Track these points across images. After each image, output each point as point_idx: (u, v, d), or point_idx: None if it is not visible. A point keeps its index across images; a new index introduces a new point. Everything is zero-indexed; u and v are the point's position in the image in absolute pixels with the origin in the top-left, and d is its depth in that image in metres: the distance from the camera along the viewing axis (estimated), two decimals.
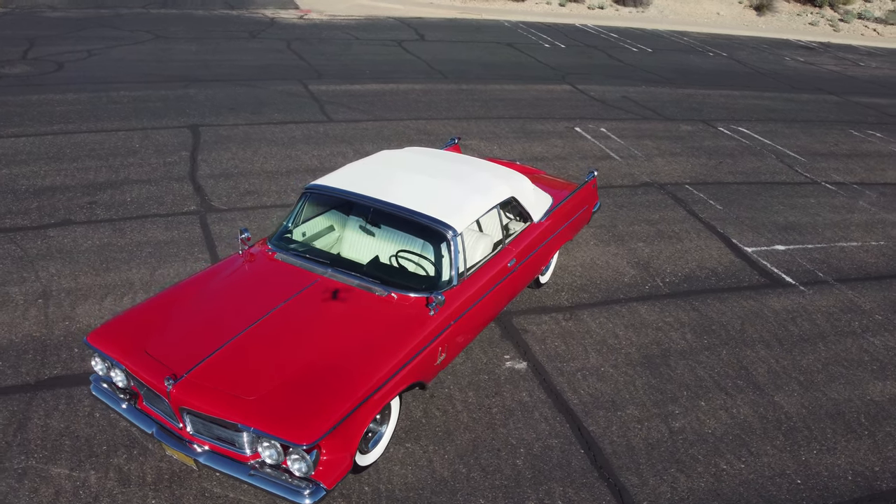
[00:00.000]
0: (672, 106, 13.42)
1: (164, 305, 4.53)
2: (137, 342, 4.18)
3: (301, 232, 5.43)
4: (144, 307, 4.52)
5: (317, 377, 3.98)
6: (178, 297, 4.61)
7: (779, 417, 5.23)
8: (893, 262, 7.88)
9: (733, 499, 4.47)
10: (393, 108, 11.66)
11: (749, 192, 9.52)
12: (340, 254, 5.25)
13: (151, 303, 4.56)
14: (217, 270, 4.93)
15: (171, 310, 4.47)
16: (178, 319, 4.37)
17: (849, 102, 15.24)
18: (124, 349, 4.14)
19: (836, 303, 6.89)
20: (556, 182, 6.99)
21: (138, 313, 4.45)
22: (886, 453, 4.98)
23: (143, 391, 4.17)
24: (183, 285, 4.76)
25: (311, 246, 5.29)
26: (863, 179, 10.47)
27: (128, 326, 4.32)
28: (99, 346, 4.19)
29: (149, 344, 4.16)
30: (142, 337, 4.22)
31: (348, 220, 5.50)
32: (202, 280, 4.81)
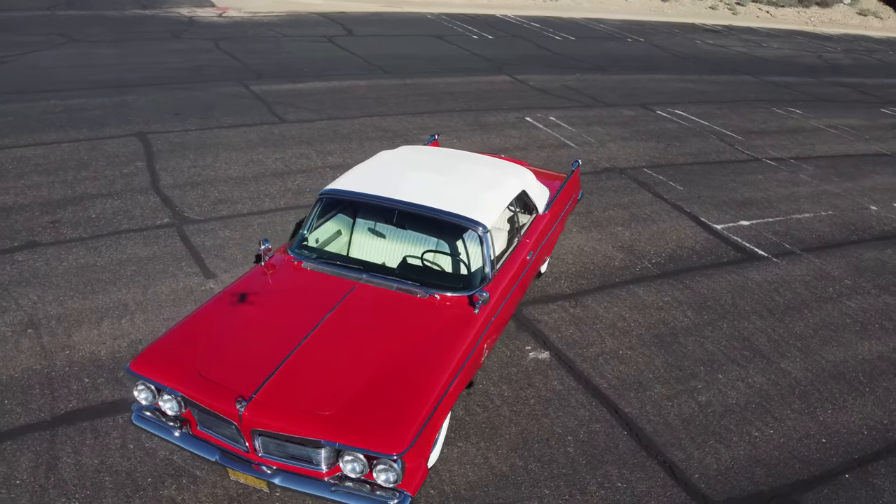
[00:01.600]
0: (610, 92, 13.84)
1: (203, 325, 4.33)
2: (188, 366, 3.99)
3: (322, 239, 5.30)
4: (183, 328, 4.30)
5: (386, 385, 3.93)
6: (216, 314, 4.42)
7: (790, 383, 5.56)
8: (845, 230, 8.48)
9: (772, 462, 4.73)
10: (343, 106, 11.48)
11: (702, 171, 9.98)
12: (369, 258, 5.15)
13: (188, 323, 4.35)
14: (247, 284, 4.75)
15: (212, 329, 4.28)
16: (224, 338, 4.19)
17: (763, 82, 16.18)
18: (176, 375, 3.94)
19: (807, 271, 7.36)
20: (544, 173, 7.11)
21: (179, 335, 4.24)
22: (890, 406, 5.40)
23: (199, 416, 3.99)
24: (216, 302, 4.56)
25: (338, 252, 5.18)
26: (797, 154, 11.18)
27: (172, 350, 4.11)
28: (146, 373, 3.96)
29: (201, 366, 3.97)
30: (190, 360, 4.03)
31: (370, 224, 5.42)
32: (235, 295, 4.63)
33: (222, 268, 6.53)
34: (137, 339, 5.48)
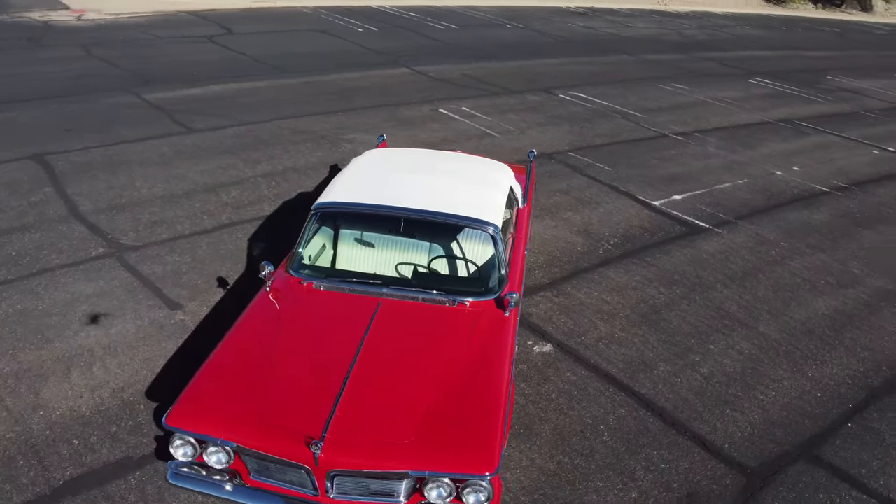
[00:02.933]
0: (510, 79, 14.05)
1: (232, 364, 3.96)
2: (234, 411, 3.64)
3: (322, 256, 5.01)
4: (211, 370, 3.91)
5: (452, 402, 3.78)
6: (243, 350, 4.06)
7: (772, 345, 5.93)
8: (763, 196, 9.15)
9: (784, 422, 5.04)
10: (251, 110, 10.88)
11: (621, 151, 10.39)
12: (382, 271, 4.92)
13: (215, 364, 3.96)
14: (262, 313, 4.39)
15: (245, 367, 3.93)
16: (263, 375, 3.86)
17: (642, 61, 17.07)
18: (225, 423, 3.58)
19: (748, 238, 7.88)
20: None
21: (210, 378, 3.85)
22: (860, 354, 5.90)
23: (255, 465, 3.65)
24: (236, 337, 4.19)
25: (347, 269, 4.91)
26: (696, 128, 11.90)
27: (209, 396, 3.73)
28: (189, 426, 3.58)
29: (251, 410, 3.64)
30: (234, 404, 3.68)
31: (372, 235, 5.17)
32: (253, 327, 4.27)
33: (185, 296, 6.01)
34: (119, 386, 4.94)
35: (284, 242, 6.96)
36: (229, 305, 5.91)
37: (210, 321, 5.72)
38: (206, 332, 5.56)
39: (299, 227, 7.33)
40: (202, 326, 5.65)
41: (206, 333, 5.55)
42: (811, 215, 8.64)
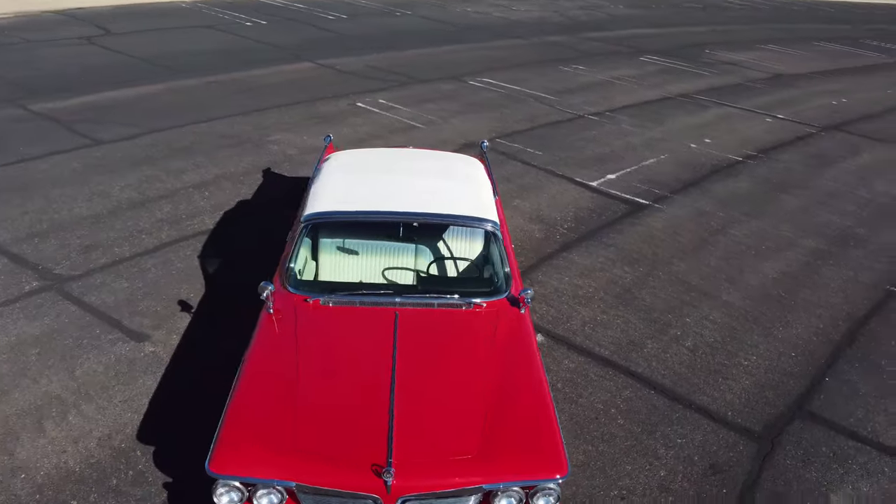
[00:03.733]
0: (416, 68, 13.93)
1: (263, 396, 3.69)
2: (283, 449, 3.39)
3: (320, 269, 4.76)
4: (242, 409, 3.62)
5: (502, 408, 3.71)
6: (269, 381, 3.79)
7: (739, 313, 6.26)
8: (687, 169, 9.61)
9: (773, 384, 5.35)
10: (160, 116, 10.16)
11: (545, 135, 10.57)
12: (383, 279, 4.74)
13: (244, 399, 3.67)
14: (272, 338, 4.11)
15: (276, 400, 3.67)
16: (299, 406, 3.62)
17: (537, 43, 17.41)
18: (277, 463, 3.33)
19: (687, 211, 8.26)
20: None
21: (244, 416, 3.57)
22: (816, 312, 6.35)
23: (313, 501, 3.42)
24: (257, 366, 3.90)
25: (350, 281, 4.69)
26: (607, 107, 12.30)
27: (250, 437, 3.46)
28: (239, 471, 3.30)
29: (300, 445, 3.40)
30: (280, 442, 3.43)
31: (367, 242, 4.96)
32: (270, 354, 3.99)
33: (148, 325, 5.55)
34: (105, 433, 4.50)
35: (241, 257, 6.57)
36: (201, 331, 5.52)
37: (185, 350, 5.31)
38: (185, 362, 5.17)
39: (247, 239, 7.00)
40: (178, 356, 5.24)
41: (185, 363, 5.16)
42: (735, 184, 9.18)
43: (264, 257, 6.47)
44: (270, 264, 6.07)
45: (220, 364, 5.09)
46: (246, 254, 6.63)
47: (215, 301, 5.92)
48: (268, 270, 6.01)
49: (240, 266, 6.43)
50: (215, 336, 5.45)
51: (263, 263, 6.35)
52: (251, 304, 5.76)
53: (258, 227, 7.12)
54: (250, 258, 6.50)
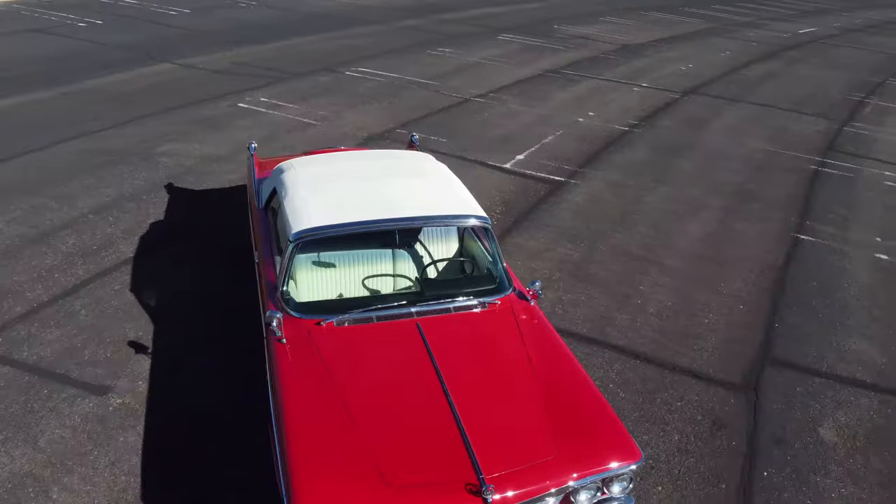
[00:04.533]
0: (284, 61, 13.36)
1: (323, 434, 3.44)
2: (367, 489, 3.19)
3: (319, 289, 4.49)
4: (302, 447, 3.35)
5: (557, 403, 3.73)
6: (314, 419, 3.52)
7: (682, 274, 6.69)
8: (585, 142, 10.05)
9: (736, 338, 5.78)
10: (21, 135, 9.00)
11: (442, 121, 10.59)
12: (388, 290, 4.55)
13: (300, 444, 3.39)
14: (298, 370, 3.82)
15: (334, 436, 3.43)
16: (362, 438, 3.41)
17: (396, 28, 17.30)
18: (368, 498, 3.14)
19: (601, 184, 8.65)
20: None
21: (310, 462, 3.30)
22: (744, 266, 6.92)
23: None
24: (295, 407, 3.60)
25: (355, 296, 4.45)
26: (488, 88, 12.52)
27: (327, 481, 3.22)
28: None
29: (383, 480, 3.22)
30: (361, 481, 3.22)
31: (363, 252, 4.73)
32: (304, 388, 3.71)
33: (105, 375, 4.98)
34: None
35: (179, 286, 6.03)
36: (168, 373, 5.03)
37: (159, 396, 4.81)
38: (164, 409, 4.69)
39: (179, 265, 6.40)
40: (154, 404, 4.74)
41: (165, 410, 4.68)
42: (632, 154, 9.73)
43: (206, 285, 6.00)
44: (217, 292, 5.69)
45: (206, 404, 4.70)
46: (184, 282, 6.10)
47: (172, 337, 5.40)
48: (217, 300, 5.67)
49: (184, 296, 5.90)
50: (187, 376, 4.98)
51: (209, 291, 5.89)
52: (214, 336, 5.36)
53: (185, 251, 6.56)
54: (191, 287, 5.99)
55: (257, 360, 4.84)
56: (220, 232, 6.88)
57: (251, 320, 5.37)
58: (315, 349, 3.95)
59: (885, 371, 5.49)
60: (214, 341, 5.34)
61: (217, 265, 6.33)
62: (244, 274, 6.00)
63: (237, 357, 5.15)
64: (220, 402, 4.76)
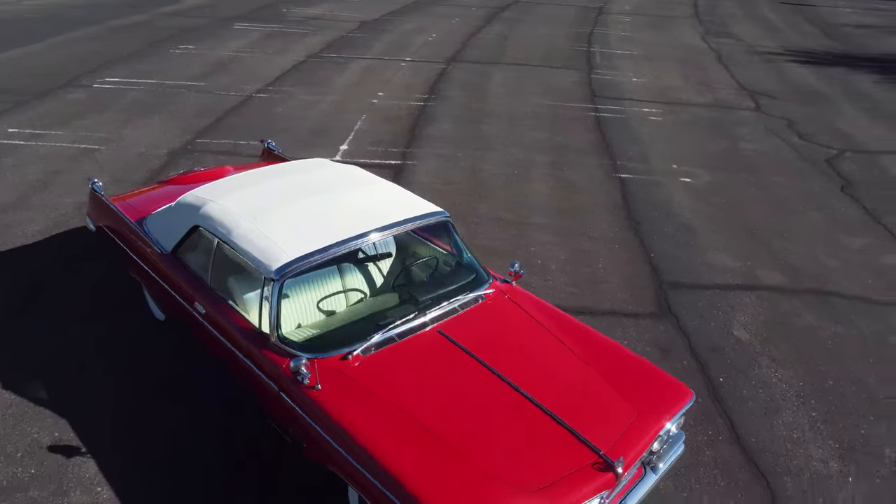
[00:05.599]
0: (14, 79, 11.29)
1: (424, 467, 3.26)
2: (501, 498, 3.16)
3: (315, 324, 4.14)
4: (423, 484, 3.17)
5: (606, 368, 3.96)
6: (409, 451, 3.33)
7: (557, 229, 7.26)
8: (391, 121, 10.15)
9: (630, 273, 6.50)
10: None
11: (243, 122, 9.89)
12: (391, 304, 4.31)
13: (414, 476, 3.20)
14: (354, 411, 3.54)
15: (435, 460, 3.30)
16: (472, 457, 3.33)
17: (127, 26, 15.45)
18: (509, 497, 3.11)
19: (434, 160, 8.88)
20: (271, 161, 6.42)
21: (434, 487, 3.15)
22: (579, 209, 7.71)
23: None
24: (383, 445, 3.36)
25: (361, 319, 4.15)
26: (264, 82, 11.90)
27: (447, 489, 3.12)
28: None
29: (523, 490, 3.21)
30: (499, 497, 3.17)
31: (343, 273, 4.40)
32: (377, 425, 3.46)
33: (50, 493, 4.06)
34: None
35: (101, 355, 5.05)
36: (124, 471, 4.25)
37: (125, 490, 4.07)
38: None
39: (88, 320, 5.28)
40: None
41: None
42: (442, 126, 10.07)
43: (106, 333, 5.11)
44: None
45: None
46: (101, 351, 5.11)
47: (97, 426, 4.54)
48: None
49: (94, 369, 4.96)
50: (149, 465, 4.26)
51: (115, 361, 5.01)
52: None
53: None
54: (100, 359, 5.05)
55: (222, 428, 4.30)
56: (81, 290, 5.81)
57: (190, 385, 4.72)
58: (358, 385, 3.68)
59: (746, 272, 6.61)
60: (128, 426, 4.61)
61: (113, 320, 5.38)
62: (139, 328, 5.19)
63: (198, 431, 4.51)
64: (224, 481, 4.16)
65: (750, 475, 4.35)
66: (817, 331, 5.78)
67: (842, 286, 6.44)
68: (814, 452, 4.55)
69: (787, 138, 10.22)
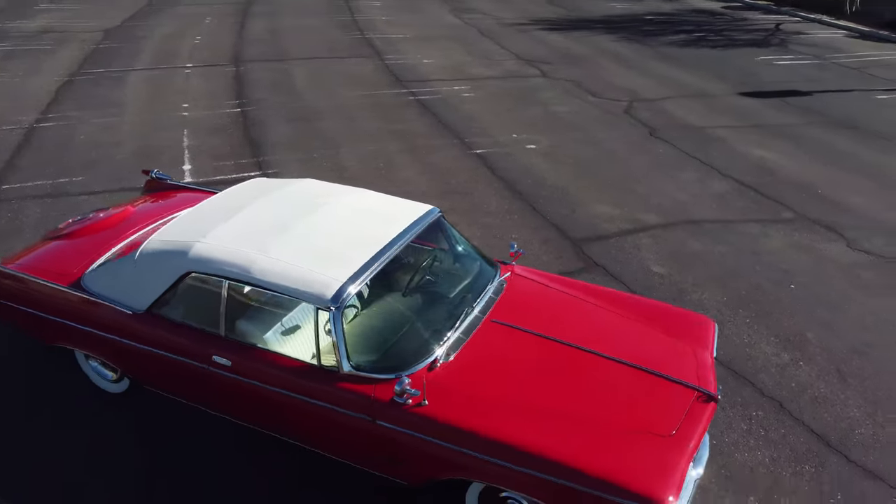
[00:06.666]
0: None
1: (571, 446, 3.39)
2: (659, 448, 3.44)
3: (380, 339, 3.98)
4: (588, 464, 3.31)
5: (651, 320, 4.35)
6: (549, 438, 3.43)
7: (495, 221, 7.50)
8: (225, 134, 9.48)
9: (548, 239, 7.00)
10: None
11: (45, 156, 8.53)
12: (436, 307, 4.23)
13: (571, 457, 3.32)
14: (477, 413, 3.55)
15: (580, 437, 3.46)
16: (594, 425, 3.52)
17: None
18: (671, 458, 3.41)
19: (300, 166, 8.54)
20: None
21: (616, 461, 3.32)
22: (479, 190, 8.09)
23: None
24: (517, 438, 3.41)
25: (415, 329, 4.04)
26: (36, 111, 10.30)
27: (647, 468, 3.34)
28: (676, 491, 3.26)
29: (658, 436, 3.50)
30: (648, 448, 3.44)
31: (380, 286, 4.23)
32: (499, 424, 3.51)
33: None
34: None
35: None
36: None
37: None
38: None
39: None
40: None
41: None
42: (279, 131, 9.63)
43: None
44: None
45: None
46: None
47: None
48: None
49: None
50: None
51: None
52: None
53: None
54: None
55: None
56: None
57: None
58: (458, 390, 3.68)
59: (629, 217, 7.47)
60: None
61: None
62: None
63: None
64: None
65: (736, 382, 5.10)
66: (709, 253, 6.80)
67: (703, 214, 7.59)
68: (766, 349, 5.44)
69: (583, 98, 11.49)
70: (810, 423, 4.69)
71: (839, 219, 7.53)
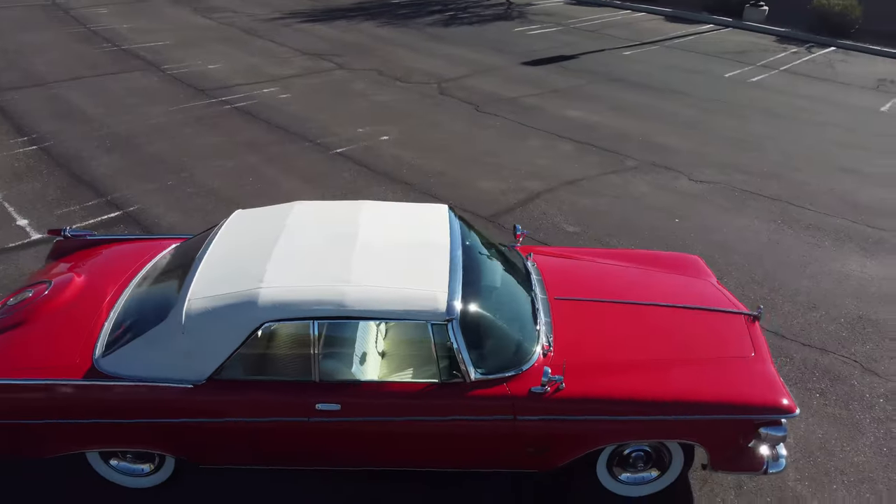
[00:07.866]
0: None
1: (692, 381, 3.87)
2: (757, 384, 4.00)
3: (500, 340, 4.00)
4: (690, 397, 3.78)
5: (660, 265, 4.93)
6: (671, 376, 3.88)
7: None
8: (21, 183, 8.08)
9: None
10: None
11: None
12: (500, 296, 4.28)
13: (695, 390, 3.79)
14: (603, 380, 3.84)
15: (689, 369, 3.94)
16: (691, 356, 4.04)
17: None
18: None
19: (159, 198, 7.65)
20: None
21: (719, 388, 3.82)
22: (400, 170, 8.03)
23: None
24: (654, 388, 3.79)
25: (500, 321, 4.08)
26: None
27: (751, 392, 3.89)
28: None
29: (742, 358, 4.08)
30: (738, 373, 4.01)
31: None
32: (623, 380, 3.84)
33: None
34: None
35: None
36: None
37: None
38: None
39: None
40: None
41: None
42: (102, 162, 8.45)
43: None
44: None
45: None
46: None
47: None
48: None
49: None
50: None
51: None
52: None
53: None
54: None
55: None
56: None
57: None
58: (581, 367, 3.89)
59: (515, 188, 8.00)
60: None
61: None
62: None
63: None
64: None
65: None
66: (599, 206, 7.64)
67: (571, 174, 8.43)
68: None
69: (394, 85, 11.75)
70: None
71: (671, 159, 8.88)
